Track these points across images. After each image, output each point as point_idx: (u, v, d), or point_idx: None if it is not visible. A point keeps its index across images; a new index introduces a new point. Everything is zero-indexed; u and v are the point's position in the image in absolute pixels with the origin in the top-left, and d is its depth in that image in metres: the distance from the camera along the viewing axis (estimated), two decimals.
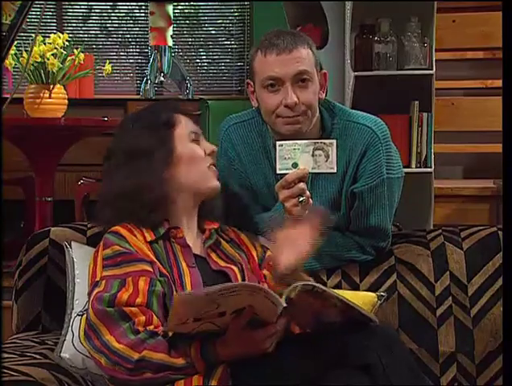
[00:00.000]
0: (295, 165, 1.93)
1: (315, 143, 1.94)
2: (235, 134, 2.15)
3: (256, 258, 1.95)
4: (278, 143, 1.95)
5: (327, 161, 1.93)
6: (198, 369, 1.62)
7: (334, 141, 1.94)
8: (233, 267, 1.84)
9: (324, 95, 2.08)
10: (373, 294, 2.07)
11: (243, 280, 1.83)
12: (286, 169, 1.94)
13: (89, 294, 1.73)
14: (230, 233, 1.97)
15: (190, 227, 1.88)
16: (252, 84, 2.06)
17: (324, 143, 1.94)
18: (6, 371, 1.66)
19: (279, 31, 2.02)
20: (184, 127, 1.89)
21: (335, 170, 1.95)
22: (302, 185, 1.93)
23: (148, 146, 1.82)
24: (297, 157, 1.93)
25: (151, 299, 1.68)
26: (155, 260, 1.76)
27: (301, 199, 1.93)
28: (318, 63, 2.04)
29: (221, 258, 1.87)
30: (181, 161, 1.84)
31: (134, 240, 1.77)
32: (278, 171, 1.95)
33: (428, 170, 3.57)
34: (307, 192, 1.94)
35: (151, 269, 1.73)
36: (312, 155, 1.93)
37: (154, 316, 1.67)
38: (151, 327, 1.65)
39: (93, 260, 1.77)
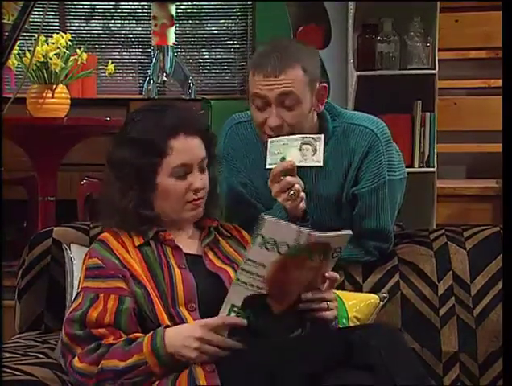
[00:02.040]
0: (282, 159, 1.96)
1: (303, 138, 1.96)
2: (237, 133, 2.16)
3: None
4: (269, 140, 1.98)
5: (314, 155, 1.95)
6: (151, 365, 1.60)
7: (322, 136, 1.96)
8: (228, 269, 1.82)
9: (323, 107, 2.07)
10: (375, 296, 2.07)
11: None
12: (275, 163, 1.96)
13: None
14: (232, 230, 1.97)
15: (182, 228, 1.88)
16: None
17: (312, 138, 1.96)
18: (8, 370, 1.66)
19: (271, 48, 1.99)
20: (175, 158, 1.80)
21: (321, 164, 1.96)
22: (289, 178, 1.94)
23: (136, 168, 1.79)
24: (285, 151, 1.96)
25: (119, 319, 1.69)
26: (136, 268, 1.75)
27: (291, 192, 1.94)
28: (314, 79, 2.00)
29: (218, 257, 1.86)
30: (157, 191, 1.82)
31: (118, 249, 1.78)
32: (267, 166, 1.98)
33: (431, 169, 3.57)
34: (297, 185, 1.94)
35: (124, 285, 1.72)
36: (300, 149, 1.95)
37: (123, 335, 1.68)
38: (111, 341, 1.66)
39: (81, 267, 1.80)
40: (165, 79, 5.15)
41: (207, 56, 5.60)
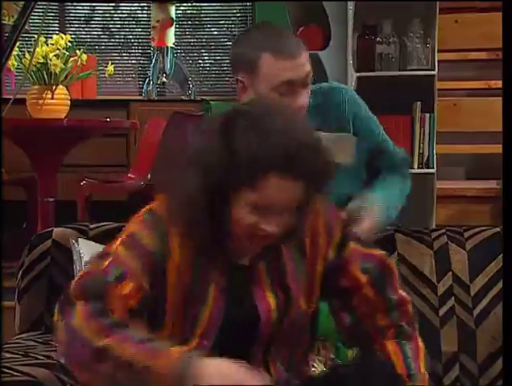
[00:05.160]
0: None
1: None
2: None
3: None
4: None
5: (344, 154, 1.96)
6: (161, 380, 1.33)
7: (352, 136, 1.99)
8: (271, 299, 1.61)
9: None
10: None
11: None
12: None
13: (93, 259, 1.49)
14: None
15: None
16: (248, 80, 2.00)
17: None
18: (8, 371, 1.66)
19: (280, 33, 2.01)
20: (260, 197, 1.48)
21: (349, 162, 1.97)
22: None
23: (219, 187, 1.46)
24: None
25: (133, 307, 1.43)
26: (172, 271, 1.47)
27: None
28: None
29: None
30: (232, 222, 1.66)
31: (172, 232, 1.48)
32: None
33: (431, 170, 3.58)
34: None
35: (145, 283, 1.44)
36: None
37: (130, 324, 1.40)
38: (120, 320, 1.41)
39: (129, 224, 1.51)
40: (165, 80, 5.16)
41: (206, 57, 5.61)
